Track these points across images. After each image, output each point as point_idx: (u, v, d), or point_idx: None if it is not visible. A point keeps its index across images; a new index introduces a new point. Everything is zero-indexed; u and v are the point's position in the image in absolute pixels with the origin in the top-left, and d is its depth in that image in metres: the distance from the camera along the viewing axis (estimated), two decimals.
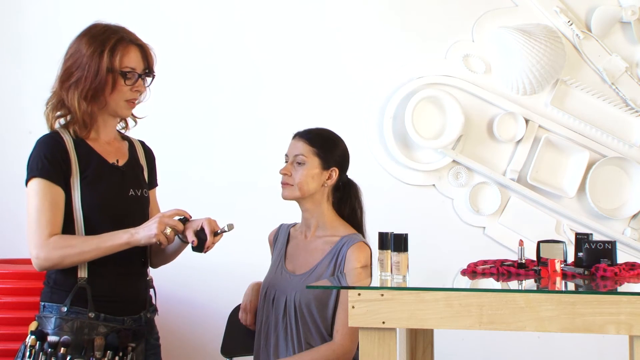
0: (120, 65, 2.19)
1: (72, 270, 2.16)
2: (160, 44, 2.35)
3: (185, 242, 2.24)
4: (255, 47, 3.71)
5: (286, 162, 2.55)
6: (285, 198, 2.52)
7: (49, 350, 2.10)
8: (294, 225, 2.65)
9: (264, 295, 2.54)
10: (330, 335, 2.42)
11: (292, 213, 2.64)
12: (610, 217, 3.63)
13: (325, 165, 2.52)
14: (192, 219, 2.21)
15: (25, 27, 3.78)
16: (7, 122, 3.77)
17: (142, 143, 2.42)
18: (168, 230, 2.11)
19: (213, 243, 2.17)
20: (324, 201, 2.54)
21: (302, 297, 2.43)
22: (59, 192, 2.15)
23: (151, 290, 2.33)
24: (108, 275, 2.18)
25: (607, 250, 2.28)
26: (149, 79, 2.27)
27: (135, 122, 2.38)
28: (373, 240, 2.29)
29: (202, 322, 3.63)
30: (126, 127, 2.38)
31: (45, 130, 2.26)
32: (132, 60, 2.21)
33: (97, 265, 2.16)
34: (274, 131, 3.57)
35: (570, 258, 2.41)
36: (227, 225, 2.17)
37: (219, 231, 2.17)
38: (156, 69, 2.28)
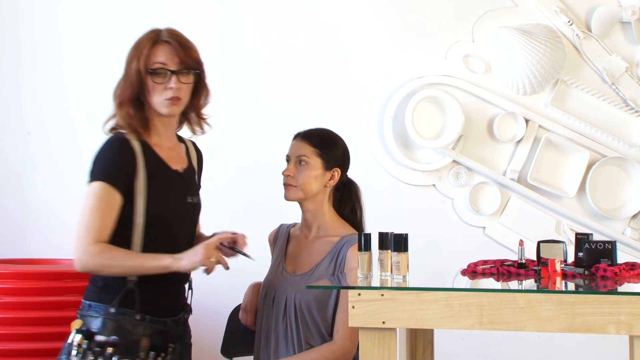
0: (147, 64, 2.18)
1: None
2: None
3: None
4: (256, 48, 3.71)
5: (288, 162, 2.55)
6: (288, 199, 2.52)
7: (96, 349, 2.11)
8: (294, 225, 2.65)
9: (264, 295, 2.54)
10: (331, 336, 2.42)
11: (292, 213, 2.64)
12: (610, 217, 3.63)
13: (328, 166, 2.52)
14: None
15: (25, 29, 3.78)
16: (6, 123, 3.76)
17: (194, 144, 2.41)
18: (213, 259, 2.14)
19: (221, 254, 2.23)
20: (325, 201, 2.54)
21: (302, 297, 2.43)
22: (117, 199, 2.14)
23: (189, 291, 2.36)
24: (156, 279, 2.19)
25: (607, 250, 2.28)
26: (188, 76, 2.22)
27: (209, 125, 2.35)
28: (373, 240, 2.29)
29: (202, 322, 3.63)
30: (193, 132, 2.35)
31: (45, 132, 2.27)
32: (159, 56, 2.19)
33: None
34: (275, 131, 3.57)
35: (570, 258, 2.41)
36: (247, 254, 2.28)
37: (236, 249, 2.26)
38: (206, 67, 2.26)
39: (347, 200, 2.59)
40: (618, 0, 3.65)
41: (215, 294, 3.57)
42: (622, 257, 2.52)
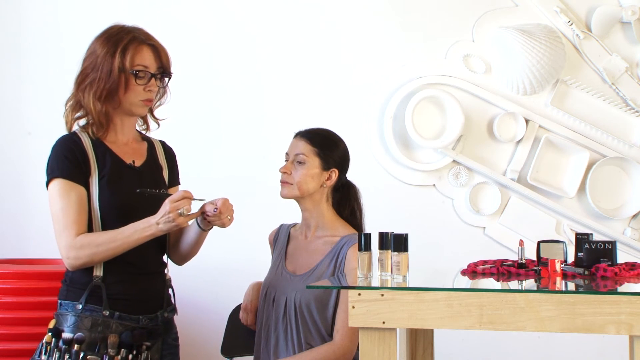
0: (132, 65, 2.21)
1: (88, 268, 2.19)
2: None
3: (204, 229, 2.27)
4: (256, 47, 3.71)
5: (286, 160, 2.55)
6: (283, 197, 2.53)
7: (64, 347, 2.13)
8: (294, 225, 2.65)
9: (264, 295, 2.54)
10: (331, 336, 2.42)
11: (292, 213, 2.64)
12: (610, 217, 3.63)
13: (326, 166, 2.52)
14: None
15: (25, 29, 3.78)
16: (7, 123, 3.77)
17: (163, 143, 2.43)
18: (183, 210, 2.12)
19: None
20: (323, 201, 2.54)
21: (302, 297, 2.43)
22: (82, 191, 2.18)
23: (170, 290, 2.34)
24: (123, 274, 2.20)
25: (607, 250, 2.28)
26: (165, 79, 2.29)
27: (158, 124, 2.39)
28: (373, 240, 2.29)
29: (202, 322, 3.63)
30: (147, 128, 2.39)
31: (45, 132, 2.28)
32: (144, 59, 2.23)
33: (113, 264, 2.19)
34: (275, 131, 3.57)
35: (571, 258, 2.41)
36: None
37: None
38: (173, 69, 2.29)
39: (346, 202, 2.59)
40: (618, 0, 3.65)
41: (215, 294, 3.59)
42: (622, 257, 2.52)
